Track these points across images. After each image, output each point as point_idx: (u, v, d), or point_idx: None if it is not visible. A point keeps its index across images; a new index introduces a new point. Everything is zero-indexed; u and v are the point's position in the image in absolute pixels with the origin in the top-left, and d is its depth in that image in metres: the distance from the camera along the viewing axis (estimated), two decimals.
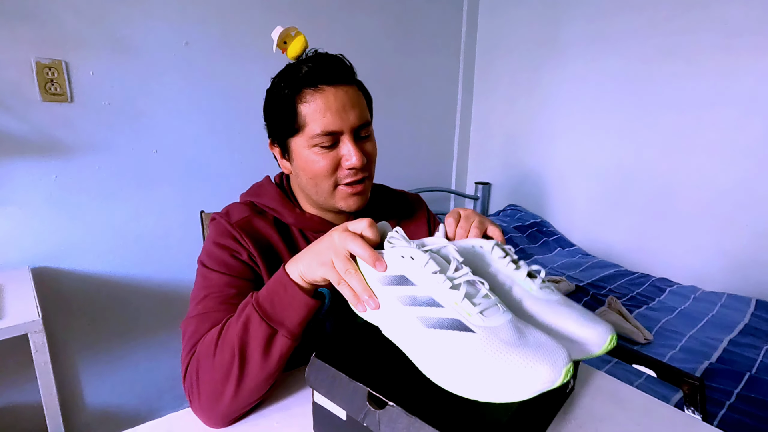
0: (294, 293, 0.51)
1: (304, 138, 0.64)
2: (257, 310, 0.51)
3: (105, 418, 1.45)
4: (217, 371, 0.51)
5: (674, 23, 1.70)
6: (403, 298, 0.43)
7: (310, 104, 0.62)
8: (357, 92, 0.66)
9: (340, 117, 0.62)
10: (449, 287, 0.42)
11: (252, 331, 0.51)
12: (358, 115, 0.64)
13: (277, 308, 0.51)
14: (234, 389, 0.50)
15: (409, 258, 0.44)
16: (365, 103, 0.68)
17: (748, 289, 1.63)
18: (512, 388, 0.37)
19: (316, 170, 0.64)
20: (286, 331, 0.51)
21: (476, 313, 0.41)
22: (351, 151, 0.63)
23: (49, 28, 1.17)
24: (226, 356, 0.51)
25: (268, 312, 0.51)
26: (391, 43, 2.01)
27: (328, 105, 0.62)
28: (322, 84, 0.62)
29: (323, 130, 0.62)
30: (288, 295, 0.51)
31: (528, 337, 0.40)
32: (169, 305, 1.51)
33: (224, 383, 0.51)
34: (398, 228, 0.49)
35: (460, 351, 0.39)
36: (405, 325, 0.43)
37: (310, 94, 0.63)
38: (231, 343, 0.51)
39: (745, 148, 1.59)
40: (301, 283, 0.51)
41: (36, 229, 1.23)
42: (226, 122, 1.53)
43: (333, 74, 0.63)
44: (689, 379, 0.77)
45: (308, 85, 0.63)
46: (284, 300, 0.51)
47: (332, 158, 0.64)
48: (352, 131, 0.64)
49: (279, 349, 0.51)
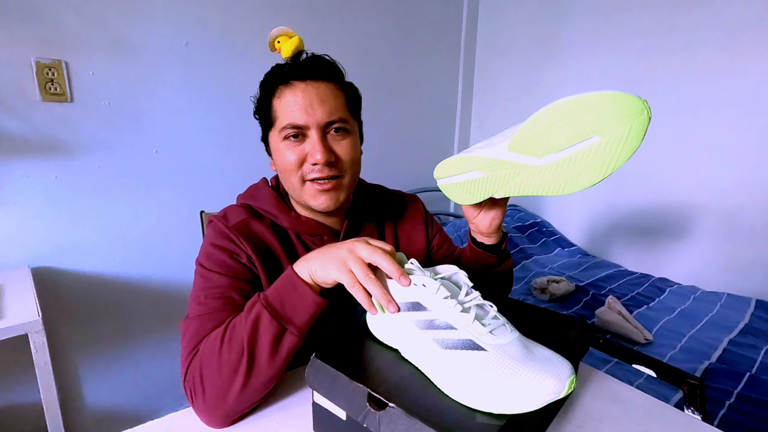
0: (304, 291, 0.52)
1: (276, 131, 0.66)
2: (267, 308, 0.52)
3: (105, 418, 1.45)
4: (224, 370, 0.51)
5: (674, 22, 1.70)
6: (418, 323, 0.47)
7: (281, 99, 0.65)
8: (332, 89, 0.66)
9: (306, 112, 0.63)
10: (460, 311, 0.46)
11: (262, 330, 0.51)
12: (327, 112, 0.64)
13: (287, 306, 0.52)
14: (240, 387, 0.51)
15: (421, 285, 0.48)
16: (342, 102, 0.67)
17: (748, 289, 1.63)
18: (522, 401, 0.40)
19: (284, 163, 0.66)
20: (295, 328, 0.52)
21: (486, 332, 0.44)
22: (315, 146, 0.64)
23: (49, 28, 1.17)
24: (233, 354, 0.51)
25: (277, 310, 0.52)
26: (390, 43, 2.01)
27: (296, 99, 0.64)
28: (294, 80, 0.65)
29: (289, 123, 0.64)
30: (298, 293, 0.52)
31: (534, 352, 0.44)
32: (169, 305, 1.51)
33: (231, 382, 0.51)
34: (413, 260, 0.53)
35: (474, 368, 0.42)
36: (422, 348, 0.46)
37: (282, 89, 0.65)
38: (239, 341, 0.51)
39: (745, 148, 1.59)
40: (310, 282, 0.53)
41: (36, 229, 1.23)
42: (226, 122, 1.53)
43: (306, 71, 0.65)
44: (689, 379, 0.77)
45: (282, 81, 0.65)
46: (294, 298, 0.52)
47: (299, 152, 0.65)
48: (320, 127, 0.64)
49: (287, 346, 0.52)
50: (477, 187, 0.59)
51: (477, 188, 0.59)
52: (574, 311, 1.51)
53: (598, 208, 2.06)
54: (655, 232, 1.87)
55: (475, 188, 0.59)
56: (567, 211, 2.21)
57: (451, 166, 0.62)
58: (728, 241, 1.67)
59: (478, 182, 0.58)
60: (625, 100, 0.40)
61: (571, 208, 2.18)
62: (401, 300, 0.49)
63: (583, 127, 0.41)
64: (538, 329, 0.55)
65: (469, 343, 0.44)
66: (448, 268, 0.53)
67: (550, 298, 1.57)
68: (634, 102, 0.40)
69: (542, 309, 0.64)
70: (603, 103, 0.40)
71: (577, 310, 1.51)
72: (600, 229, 2.08)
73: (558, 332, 0.57)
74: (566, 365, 0.42)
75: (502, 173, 0.53)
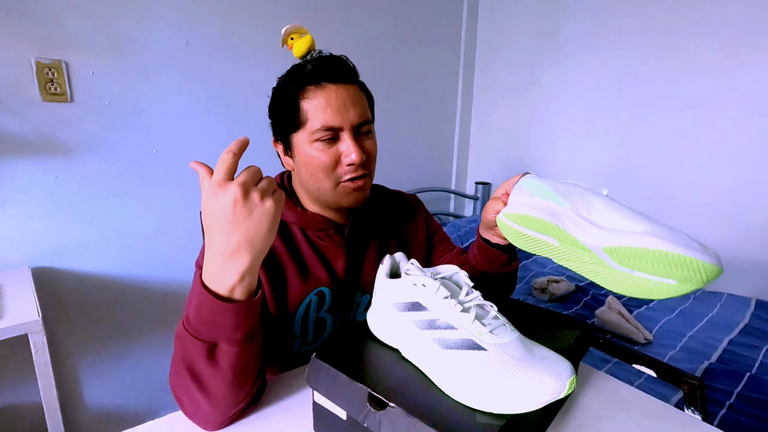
0: (211, 304, 0.45)
1: (306, 133, 0.65)
2: (186, 327, 0.48)
3: (105, 418, 1.45)
4: (184, 387, 0.50)
5: (674, 20, 1.70)
6: (418, 323, 0.47)
7: (312, 100, 0.64)
8: (358, 91, 0.67)
9: (340, 113, 0.63)
10: (460, 310, 0.45)
11: (191, 349, 0.47)
12: (359, 113, 0.65)
13: (204, 323, 0.46)
14: (206, 401, 0.49)
15: (421, 285, 0.48)
16: (366, 103, 0.69)
17: (748, 289, 1.63)
18: (522, 400, 0.40)
19: (316, 165, 0.65)
20: (225, 341, 0.47)
21: (487, 332, 0.44)
22: (350, 147, 0.64)
23: (49, 28, 1.17)
24: (182, 374, 0.49)
25: (196, 328, 0.47)
26: (390, 42, 2.01)
27: (329, 101, 0.63)
28: (325, 81, 0.64)
29: (323, 125, 0.63)
30: (206, 309, 0.46)
31: (535, 352, 0.44)
32: (169, 305, 1.51)
33: (196, 397, 0.49)
34: (413, 260, 0.53)
35: (474, 368, 0.42)
36: (422, 348, 0.46)
37: (313, 90, 0.64)
38: (179, 361, 0.49)
39: (745, 147, 1.59)
40: (218, 290, 0.46)
41: (36, 229, 1.23)
42: (227, 122, 1.53)
43: (335, 72, 0.65)
44: (689, 379, 0.77)
45: (311, 82, 0.64)
46: (206, 315, 0.46)
47: (332, 154, 0.65)
48: (352, 128, 0.65)
49: (226, 358, 0.48)
50: (542, 248, 0.53)
51: (541, 248, 0.54)
52: (574, 311, 1.51)
53: None
54: None
55: (539, 247, 0.54)
56: None
57: (531, 222, 0.54)
58: (728, 241, 1.67)
59: (548, 246, 0.53)
60: (713, 272, 0.44)
61: None
62: (402, 300, 0.49)
63: (671, 273, 0.45)
64: (538, 329, 0.55)
65: (470, 342, 0.44)
66: (448, 268, 0.53)
67: (550, 298, 1.57)
68: (716, 272, 0.44)
69: (542, 309, 0.64)
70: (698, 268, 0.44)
71: (577, 310, 1.51)
72: None
73: (558, 332, 0.57)
74: (566, 365, 0.42)
75: (580, 256, 0.50)
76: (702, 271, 0.44)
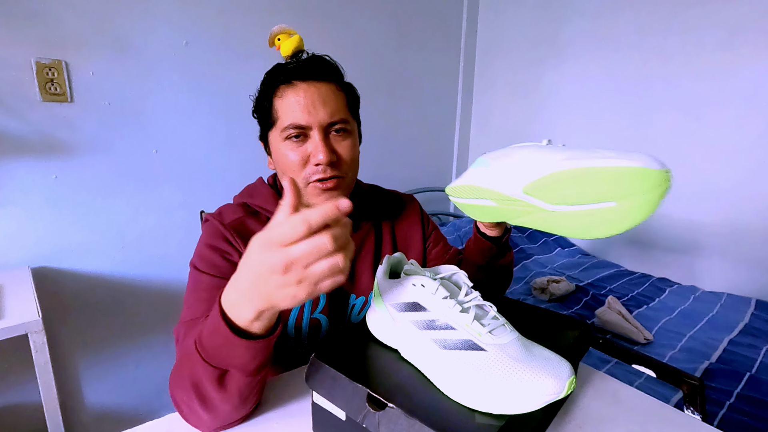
0: (226, 336, 0.43)
1: (278, 131, 0.66)
2: (199, 350, 0.46)
3: (105, 418, 1.45)
4: (185, 398, 0.49)
5: (674, 22, 1.70)
6: (417, 323, 0.47)
7: (283, 98, 0.65)
8: (333, 90, 0.66)
9: (308, 112, 0.63)
10: (459, 311, 0.45)
11: (200, 370, 0.46)
12: (329, 112, 0.64)
13: (217, 351, 0.45)
14: (208, 416, 0.49)
15: (420, 285, 0.48)
16: (342, 102, 0.67)
17: (748, 289, 1.63)
18: (522, 401, 0.40)
19: (286, 164, 0.65)
20: (237, 370, 0.46)
21: (486, 332, 0.44)
22: (318, 147, 0.63)
23: (49, 28, 1.17)
24: (186, 389, 0.48)
25: (208, 353, 0.45)
26: (390, 43, 2.01)
27: (297, 99, 0.63)
28: (296, 80, 0.64)
29: (291, 123, 0.64)
30: (221, 338, 0.44)
31: (534, 352, 0.44)
32: (168, 305, 1.51)
33: (196, 410, 0.49)
34: (412, 260, 0.53)
35: (474, 369, 0.42)
36: (422, 348, 0.46)
37: (284, 88, 0.65)
38: (184, 375, 0.48)
39: (744, 147, 1.59)
40: (235, 319, 0.43)
41: (36, 229, 1.23)
42: (227, 122, 1.53)
43: (308, 71, 0.65)
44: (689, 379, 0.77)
45: (283, 81, 0.65)
46: (220, 344, 0.44)
47: (301, 153, 0.64)
48: (322, 128, 0.64)
49: (236, 385, 0.47)
50: (491, 213, 0.56)
51: (491, 213, 0.57)
52: (574, 311, 1.51)
53: None
54: (655, 231, 1.87)
55: (489, 213, 0.57)
56: None
57: (463, 190, 0.59)
58: (728, 241, 1.67)
59: (492, 209, 0.56)
60: (648, 175, 0.39)
61: None
62: (401, 300, 0.49)
63: (602, 192, 0.41)
64: (538, 329, 0.55)
65: (469, 343, 0.44)
66: (448, 268, 0.52)
67: (550, 298, 1.57)
68: (657, 175, 0.39)
69: (542, 309, 0.64)
70: (626, 176, 0.39)
71: (577, 310, 1.51)
72: None
73: (558, 332, 0.57)
74: (566, 365, 0.42)
75: (514, 209, 0.52)
76: (638, 179, 0.39)
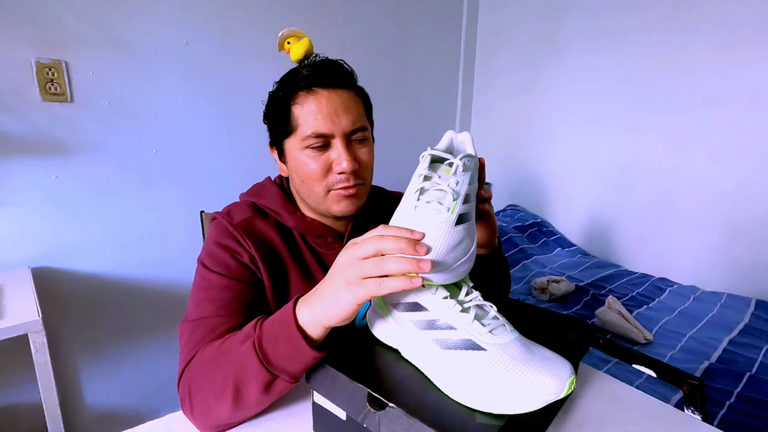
0: (299, 344, 0.46)
1: (297, 140, 0.64)
2: (258, 354, 0.47)
3: (105, 418, 1.45)
4: (210, 396, 0.50)
5: (674, 21, 1.70)
6: (418, 323, 0.47)
7: (303, 106, 0.63)
8: (353, 97, 0.66)
9: (331, 120, 0.62)
10: (460, 311, 0.45)
11: (251, 374, 0.48)
12: (351, 120, 0.64)
13: (280, 356, 0.47)
14: (228, 415, 0.50)
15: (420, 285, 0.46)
16: (362, 109, 0.67)
17: (748, 289, 1.63)
18: (522, 401, 0.40)
19: (307, 173, 0.64)
20: (288, 376, 0.48)
21: (486, 332, 0.44)
22: (341, 155, 0.63)
23: (49, 28, 1.17)
24: (221, 385, 0.49)
25: (269, 358, 0.47)
26: (391, 42, 2.01)
27: (320, 107, 0.62)
28: (316, 86, 0.63)
29: (313, 132, 0.62)
30: (292, 346, 0.46)
31: (534, 352, 0.44)
32: (169, 305, 1.51)
33: (217, 408, 0.50)
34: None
35: (474, 368, 0.42)
36: (422, 348, 0.46)
37: (304, 96, 0.63)
38: (227, 375, 0.49)
39: (745, 148, 1.59)
40: (310, 331, 0.47)
41: (36, 229, 1.23)
42: (226, 122, 1.53)
43: (328, 77, 0.63)
44: (689, 379, 0.77)
45: (302, 88, 0.63)
46: (287, 350, 0.47)
47: (323, 161, 0.63)
48: (344, 135, 0.63)
49: (279, 390, 0.49)
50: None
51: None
52: (574, 311, 1.51)
53: (599, 208, 2.06)
54: (655, 231, 1.87)
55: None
56: (567, 210, 2.21)
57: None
58: (728, 241, 1.67)
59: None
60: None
61: (571, 207, 2.18)
62: (401, 300, 0.49)
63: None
64: (538, 329, 0.55)
65: (469, 343, 0.44)
66: None
67: (550, 298, 1.57)
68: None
69: (542, 309, 0.64)
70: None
71: (577, 310, 1.51)
72: (600, 229, 2.08)
73: (558, 332, 0.57)
74: (566, 365, 0.42)
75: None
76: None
